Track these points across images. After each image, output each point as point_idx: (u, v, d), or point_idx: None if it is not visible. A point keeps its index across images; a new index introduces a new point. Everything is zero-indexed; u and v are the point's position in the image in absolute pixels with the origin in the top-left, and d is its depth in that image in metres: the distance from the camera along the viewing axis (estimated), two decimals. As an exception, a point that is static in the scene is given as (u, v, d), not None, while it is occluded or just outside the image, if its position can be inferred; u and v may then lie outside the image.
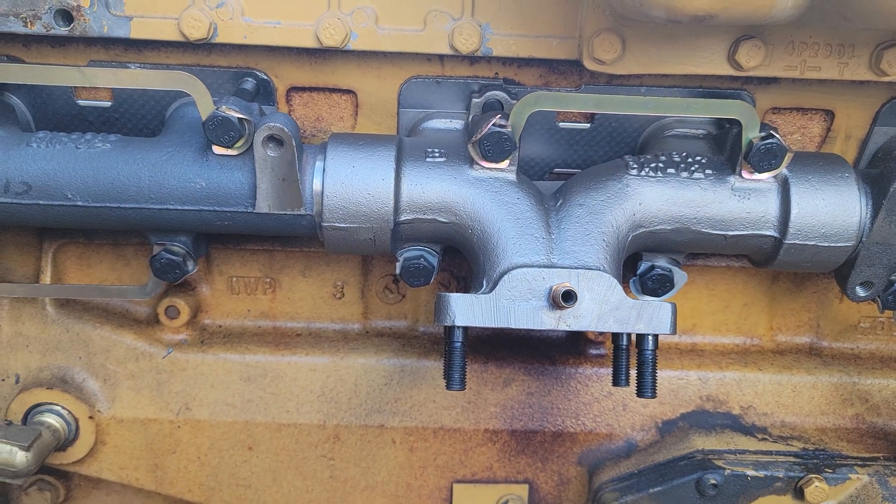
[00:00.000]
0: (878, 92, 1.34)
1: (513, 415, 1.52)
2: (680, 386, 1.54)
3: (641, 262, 1.35)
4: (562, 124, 1.37)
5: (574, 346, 1.55)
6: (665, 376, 1.53)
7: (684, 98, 1.23)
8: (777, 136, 1.20)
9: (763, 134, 1.20)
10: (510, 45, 1.25)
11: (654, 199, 1.24)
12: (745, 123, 1.19)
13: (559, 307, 1.13)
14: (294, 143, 1.16)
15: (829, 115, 1.38)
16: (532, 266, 1.17)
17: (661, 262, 1.35)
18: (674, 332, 1.18)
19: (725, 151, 1.28)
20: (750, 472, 1.39)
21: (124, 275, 1.52)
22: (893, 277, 1.35)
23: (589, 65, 1.21)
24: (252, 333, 1.57)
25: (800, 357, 1.59)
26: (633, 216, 1.24)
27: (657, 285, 1.34)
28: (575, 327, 1.16)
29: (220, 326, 1.57)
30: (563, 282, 1.15)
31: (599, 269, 1.18)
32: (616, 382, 1.25)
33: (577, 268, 1.17)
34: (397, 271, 1.30)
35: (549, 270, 1.16)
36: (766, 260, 1.30)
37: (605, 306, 1.16)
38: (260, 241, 1.48)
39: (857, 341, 1.62)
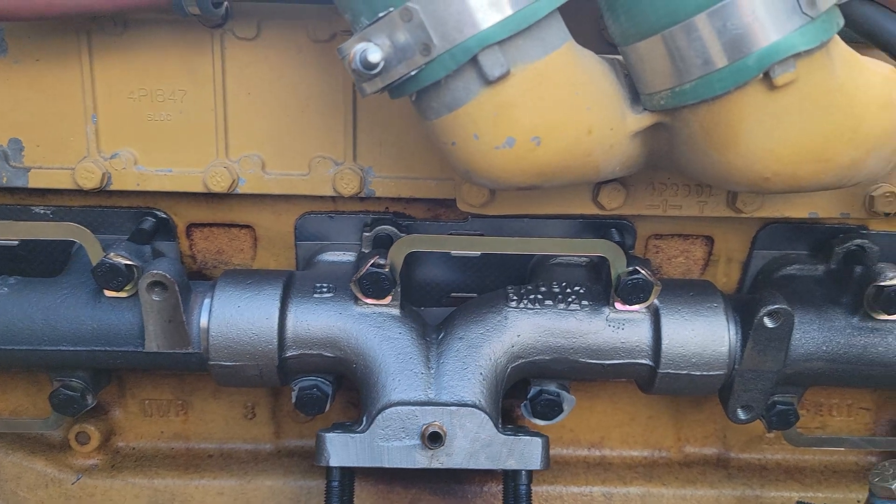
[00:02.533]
0: (752, 220, 1.40)
1: (419, 535, 1.53)
2: (585, 503, 1.55)
3: (531, 387, 1.38)
4: (454, 252, 1.43)
5: (480, 464, 1.57)
6: (570, 492, 1.55)
7: (552, 238, 1.29)
8: (643, 272, 1.25)
9: (630, 269, 1.26)
10: (392, 186, 1.31)
11: (532, 330, 1.29)
12: (611, 260, 1.25)
13: (429, 446, 1.17)
14: (177, 288, 1.21)
15: (709, 240, 1.44)
16: (407, 404, 1.20)
17: (550, 386, 1.38)
18: (545, 466, 1.21)
19: (602, 282, 1.33)
20: None
21: (39, 400, 1.55)
22: (776, 398, 1.39)
23: (462, 206, 1.27)
24: (165, 455, 1.59)
25: (706, 469, 1.61)
26: (512, 348, 1.28)
27: (546, 409, 1.37)
28: (448, 465, 1.19)
29: (134, 449, 1.59)
30: (434, 420, 1.18)
31: (475, 405, 1.22)
32: (504, 515, 1.27)
33: (451, 405, 1.21)
34: (293, 401, 1.33)
35: (423, 409, 1.20)
36: (647, 386, 1.34)
37: (476, 443, 1.19)
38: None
39: (763, 452, 1.64)
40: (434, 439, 1.15)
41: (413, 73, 0.87)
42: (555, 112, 0.91)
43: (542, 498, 1.55)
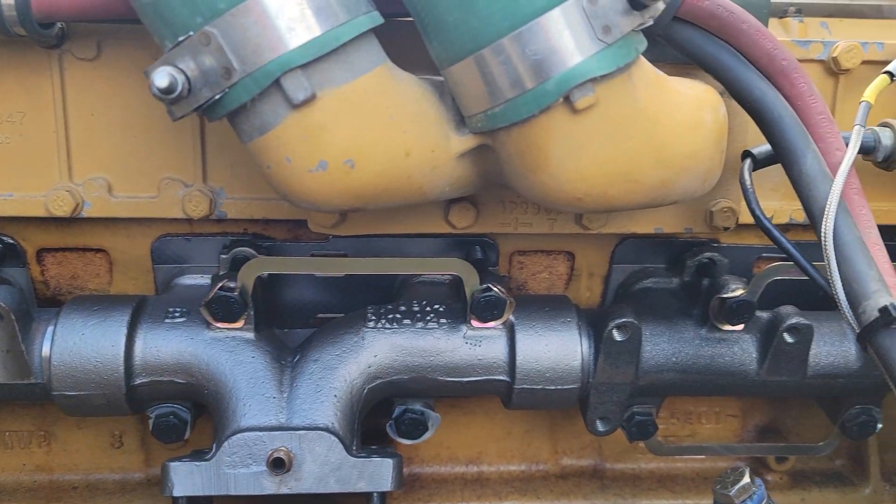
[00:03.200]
0: (609, 235, 1.44)
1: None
2: (459, 520, 1.56)
3: (395, 407, 1.38)
4: (318, 272, 1.42)
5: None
6: (446, 511, 1.56)
7: (405, 259, 1.29)
8: (496, 289, 1.27)
9: (483, 287, 1.27)
10: (245, 208, 1.30)
11: (389, 350, 1.29)
12: (464, 279, 1.26)
13: (275, 472, 1.15)
14: (13, 317, 1.17)
15: (571, 255, 1.46)
16: (255, 430, 1.19)
17: (415, 405, 1.38)
18: (397, 487, 1.21)
19: (462, 300, 1.34)
20: None
21: None
22: (635, 409, 1.42)
23: (313, 228, 1.26)
24: (27, 489, 1.53)
25: (581, 481, 1.63)
26: (369, 369, 1.28)
27: (411, 428, 1.37)
28: (297, 490, 1.17)
29: (-6, 483, 1.53)
30: (281, 445, 1.17)
31: (326, 428, 1.21)
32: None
33: (300, 428, 1.20)
34: (150, 429, 1.30)
35: (271, 434, 1.18)
36: (507, 401, 1.35)
37: (325, 467, 1.18)
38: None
39: (637, 461, 1.67)
40: (277, 465, 1.14)
41: (217, 96, 0.86)
42: (368, 135, 0.91)
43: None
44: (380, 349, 1.28)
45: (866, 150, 1.22)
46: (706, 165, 1.02)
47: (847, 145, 1.08)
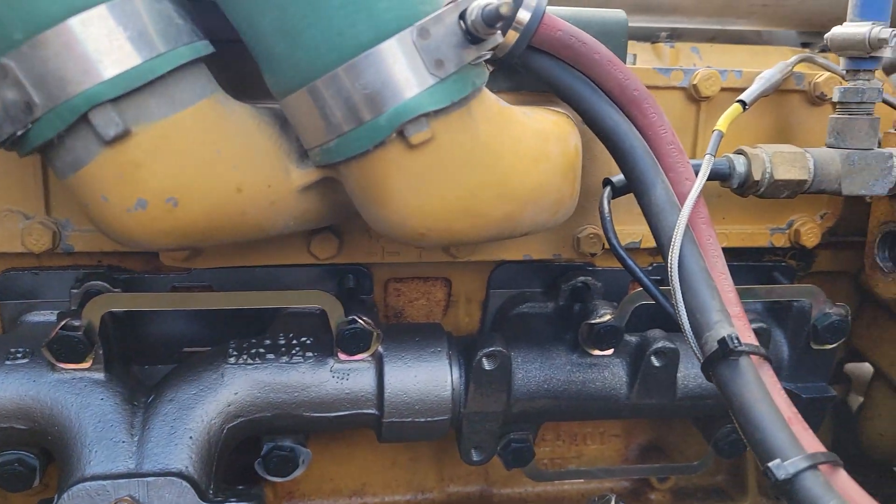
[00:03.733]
0: (487, 261, 1.42)
1: None
2: (340, 556, 1.51)
3: (263, 444, 1.33)
4: (166, 308, 1.35)
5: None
6: (326, 548, 1.51)
7: (265, 292, 1.24)
8: (361, 320, 1.23)
9: (349, 319, 1.23)
10: (95, 240, 1.22)
11: (251, 387, 1.23)
12: (328, 312, 1.22)
13: (119, 524, 1.08)
14: None
15: (447, 281, 1.44)
16: (98, 478, 1.11)
17: (284, 441, 1.33)
18: (255, 530, 1.16)
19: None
20: None
21: None
22: (512, 436, 1.41)
23: (165, 261, 1.20)
24: None
25: (467, 508, 1.61)
26: (229, 407, 1.22)
27: (280, 466, 1.32)
28: (143, 540, 1.10)
29: None
30: (125, 494, 1.10)
31: (180, 472, 1.15)
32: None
33: (150, 475, 1.13)
34: (-5, 477, 1.21)
35: (116, 482, 1.11)
36: (378, 435, 1.32)
37: (176, 514, 1.12)
38: None
39: (524, 485, 1.66)
40: (120, 516, 1.07)
41: (20, 132, 0.80)
42: (191, 172, 0.87)
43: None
44: (241, 386, 1.23)
45: (722, 177, 1.24)
46: (554, 197, 1.01)
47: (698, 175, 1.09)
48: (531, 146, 0.96)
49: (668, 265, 1.01)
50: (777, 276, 1.48)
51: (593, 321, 1.30)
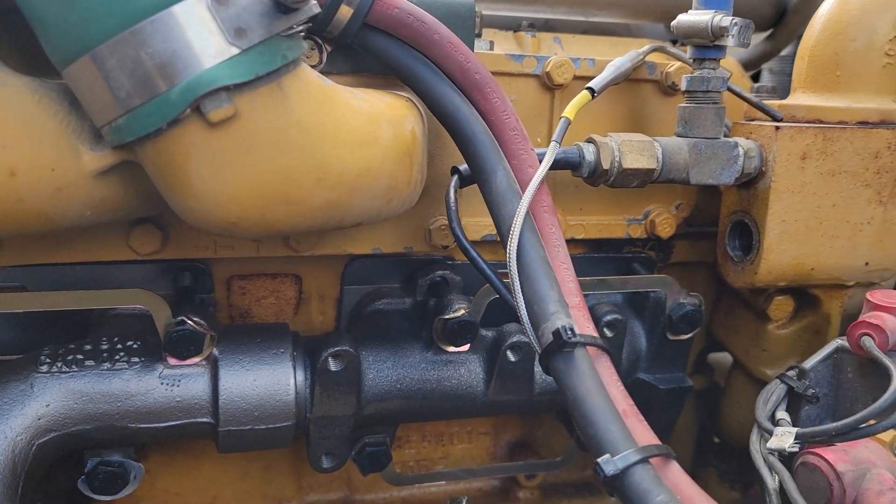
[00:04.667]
0: (339, 255, 1.34)
1: None
2: (184, 576, 1.39)
3: (87, 460, 1.20)
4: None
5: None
6: (164, 568, 1.39)
7: (78, 293, 1.11)
8: (190, 321, 1.13)
9: (177, 319, 1.13)
10: None
11: (66, 398, 1.11)
12: (153, 313, 1.11)
13: None
14: None
15: (297, 278, 1.35)
16: None
17: (113, 456, 1.21)
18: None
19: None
20: None
21: None
22: (367, 440, 1.34)
23: (-42, 258, 1.06)
24: None
25: (329, 516, 1.53)
26: (39, 421, 1.09)
27: (107, 484, 1.20)
28: (-74, 578, 0.96)
29: None
30: None
31: (-26, 497, 1.01)
32: None
33: (-67, 502, 0.99)
34: None
35: None
36: (217, 445, 1.21)
37: (-34, 547, 0.98)
38: None
39: (389, 490, 1.59)
40: None
41: None
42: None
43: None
44: (53, 397, 1.10)
45: (572, 166, 1.21)
46: (386, 184, 0.94)
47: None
48: (357, 128, 0.89)
49: (507, 254, 0.96)
50: (637, 268, 1.47)
51: (447, 316, 1.25)
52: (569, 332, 0.88)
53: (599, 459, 0.80)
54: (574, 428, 1.47)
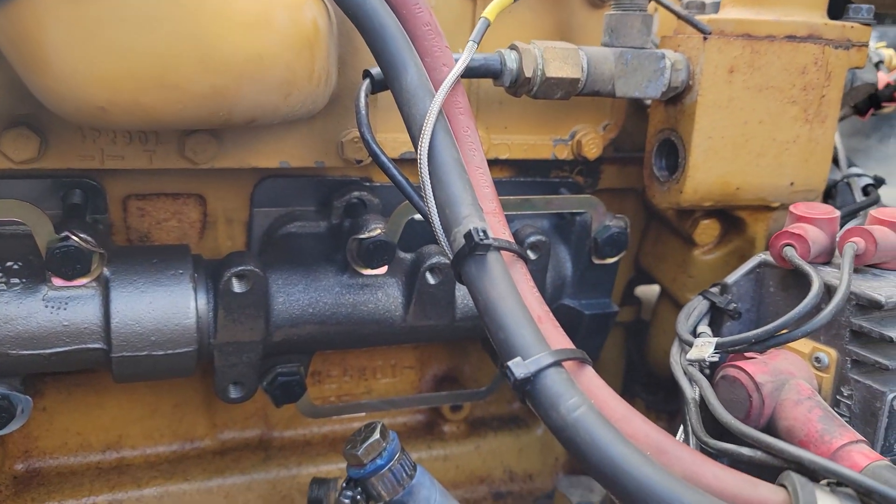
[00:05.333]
0: (246, 174, 1.25)
1: None
2: (83, 519, 1.31)
3: (-37, 393, 1.09)
4: None
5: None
6: (62, 511, 1.30)
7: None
8: (77, 238, 1.03)
9: (61, 235, 1.02)
10: None
11: (-66, 321, 1.00)
12: (32, 227, 1.01)
13: None
14: None
15: (202, 198, 1.26)
16: None
17: (-4, 388, 1.10)
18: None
19: (44, 254, 1.08)
20: None
21: None
22: (280, 369, 1.26)
23: None
24: None
25: (242, 455, 1.46)
26: None
27: (-10, 418, 1.09)
28: None
29: None
30: None
31: None
32: None
33: None
34: None
35: None
36: (112, 374, 1.12)
37: None
38: None
39: (308, 426, 1.53)
40: None
41: None
42: None
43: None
44: (-81, 321, 0.99)
45: (493, 74, 1.14)
46: (281, 75, 0.85)
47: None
48: (247, 9, 0.80)
49: (418, 155, 0.89)
50: (564, 193, 1.42)
51: (362, 236, 1.18)
52: (481, 234, 0.82)
53: (510, 363, 0.75)
54: (498, 357, 1.43)
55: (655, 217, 1.58)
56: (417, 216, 1.21)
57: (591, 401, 0.74)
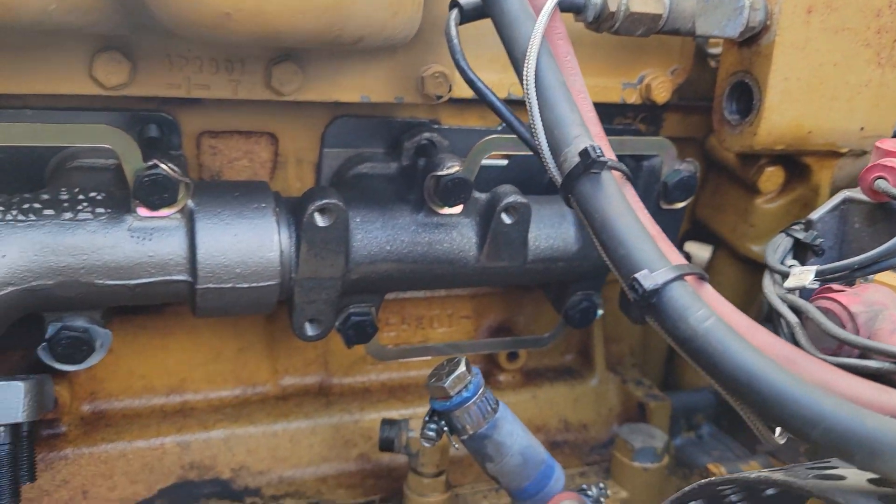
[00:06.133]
0: (319, 112, 1.24)
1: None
2: (155, 458, 1.31)
3: (48, 326, 1.09)
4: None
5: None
6: (136, 448, 1.30)
7: (33, 125, 0.98)
8: (164, 166, 1.02)
9: (149, 164, 1.02)
10: None
11: (24, 248, 0.99)
12: (120, 154, 1.00)
13: None
14: None
15: (273, 138, 1.25)
16: None
17: (76, 321, 1.10)
18: (32, 417, 0.94)
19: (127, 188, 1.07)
20: (219, 550, 1.20)
21: None
22: (352, 310, 1.26)
23: None
24: None
25: (304, 400, 1.46)
26: (-7, 273, 0.98)
27: (71, 351, 1.09)
28: None
29: None
30: None
31: (-77, 350, 0.90)
32: (-3, 499, 0.98)
33: None
34: None
35: None
36: (193, 307, 1.12)
37: (-82, 400, 0.88)
38: None
39: (367, 374, 1.53)
40: None
41: None
42: None
43: (100, 460, 1.29)
44: (10, 247, 0.99)
45: (577, 9, 1.13)
46: (391, -11, 0.84)
47: (552, -13, 0.96)
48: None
49: (524, 76, 0.88)
50: (628, 139, 1.41)
51: (440, 173, 1.17)
52: (597, 151, 0.82)
53: (637, 274, 0.75)
54: (562, 302, 1.43)
55: (715, 167, 1.57)
56: (491, 162, 1.20)
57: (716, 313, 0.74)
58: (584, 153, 0.82)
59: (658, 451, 1.43)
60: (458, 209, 1.22)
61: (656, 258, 0.77)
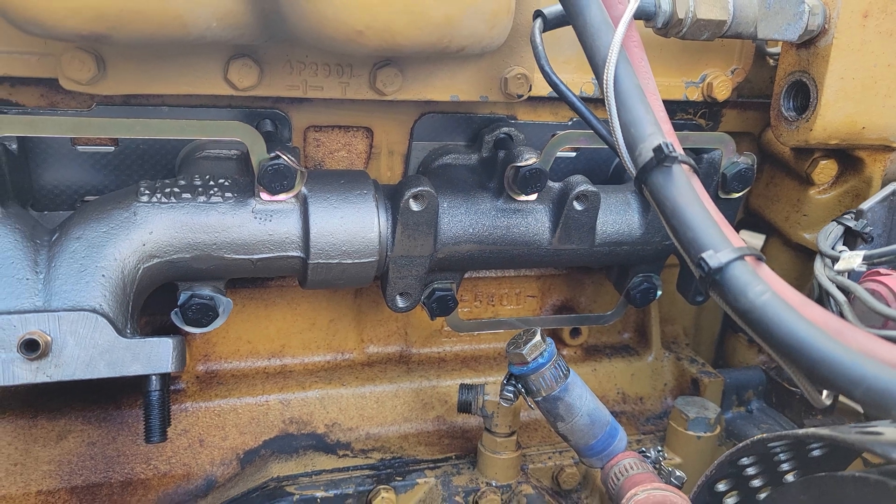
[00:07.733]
0: (409, 109, 1.39)
1: (71, 470, 1.36)
2: (261, 413, 1.49)
3: (180, 293, 1.26)
4: (80, 148, 1.25)
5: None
6: (245, 403, 1.48)
7: (175, 121, 1.15)
8: (285, 157, 1.18)
9: (272, 155, 1.18)
10: (-27, 64, 1.09)
11: (167, 226, 1.17)
12: (249, 145, 1.16)
13: (28, 357, 1.01)
14: None
15: (369, 132, 1.40)
16: (2, 314, 1.03)
17: (203, 290, 1.27)
18: (178, 368, 1.11)
19: (251, 175, 1.24)
20: (320, 494, 1.36)
21: None
22: (436, 285, 1.41)
23: (66, 84, 1.09)
24: None
25: (387, 367, 1.62)
26: (144, 247, 1.15)
27: (199, 315, 1.27)
28: (57, 377, 1.04)
29: None
30: (35, 328, 1.02)
31: (94, 309, 1.08)
32: (147, 439, 1.16)
33: (58, 310, 1.05)
34: None
35: (23, 317, 1.03)
36: (303, 280, 1.28)
37: (93, 350, 1.06)
38: None
39: (442, 345, 1.68)
40: (30, 347, 1.00)
41: None
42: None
43: (214, 413, 1.46)
44: (156, 225, 1.16)
45: (647, 16, 1.24)
46: (491, 8, 0.98)
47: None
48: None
49: (604, 82, 1.01)
50: (688, 134, 1.52)
51: (519, 164, 1.30)
52: (669, 147, 0.94)
53: (703, 254, 0.88)
54: (624, 283, 1.56)
55: (770, 160, 1.67)
56: (564, 154, 1.33)
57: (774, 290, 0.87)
58: (658, 149, 0.94)
59: (710, 421, 1.55)
60: (533, 196, 1.35)
61: (720, 240, 0.90)
